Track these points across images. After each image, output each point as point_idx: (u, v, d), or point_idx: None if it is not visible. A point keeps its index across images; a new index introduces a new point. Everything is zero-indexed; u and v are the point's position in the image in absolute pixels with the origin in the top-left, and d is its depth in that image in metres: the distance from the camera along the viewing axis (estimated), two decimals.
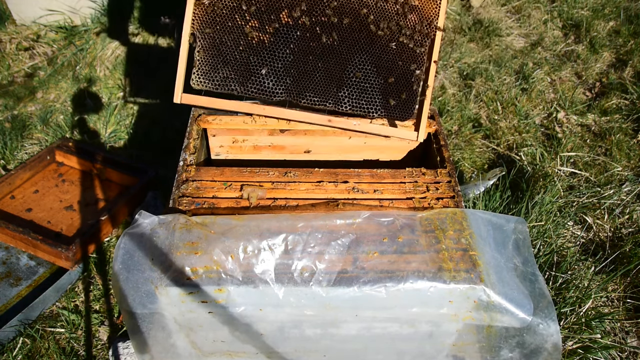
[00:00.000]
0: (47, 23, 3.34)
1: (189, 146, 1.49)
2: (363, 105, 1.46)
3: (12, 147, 2.58)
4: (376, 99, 1.45)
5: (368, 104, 1.46)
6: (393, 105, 1.47)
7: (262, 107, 1.43)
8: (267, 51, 1.36)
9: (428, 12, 1.38)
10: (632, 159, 2.72)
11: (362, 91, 1.44)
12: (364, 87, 1.44)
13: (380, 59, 1.42)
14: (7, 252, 2.06)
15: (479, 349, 1.25)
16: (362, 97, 1.45)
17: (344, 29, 1.36)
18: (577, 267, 2.10)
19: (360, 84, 1.43)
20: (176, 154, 1.50)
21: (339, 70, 1.41)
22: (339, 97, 1.44)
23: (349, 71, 1.42)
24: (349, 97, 1.44)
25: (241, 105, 1.43)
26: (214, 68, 1.36)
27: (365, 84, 1.44)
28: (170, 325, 1.20)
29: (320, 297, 1.12)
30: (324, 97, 1.43)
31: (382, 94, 1.45)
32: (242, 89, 1.39)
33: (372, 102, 1.46)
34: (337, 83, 1.43)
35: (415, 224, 1.23)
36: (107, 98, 2.99)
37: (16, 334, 1.84)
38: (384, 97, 1.45)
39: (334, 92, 1.43)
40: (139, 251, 1.14)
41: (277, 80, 1.39)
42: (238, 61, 1.36)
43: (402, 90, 1.45)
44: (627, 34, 3.65)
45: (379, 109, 1.46)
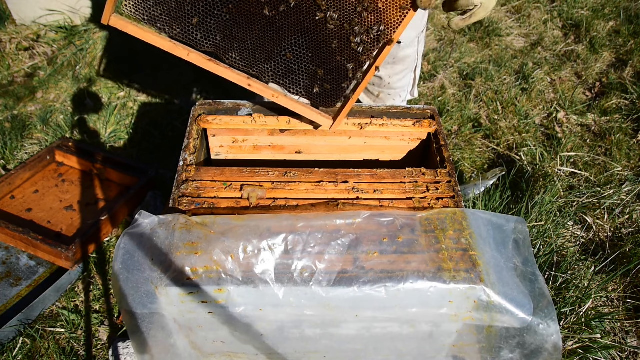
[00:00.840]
0: (47, 23, 3.34)
1: (189, 146, 1.49)
2: (286, 84, 1.41)
3: (12, 147, 2.58)
4: (300, 82, 1.41)
5: (291, 83, 1.41)
6: (315, 93, 1.42)
7: (186, 52, 1.35)
8: (204, 4, 1.29)
9: (388, 20, 1.30)
10: (632, 159, 2.72)
11: (289, 71, 1.39)
12: (292, 68, 1.38)
13: (319, 48, 1.35)
14: (7, 252, 2.06)
15: (479, 350, 1.25)
16: (286, 76, 1.40)
17: (292, 7, 1.28)
18: (577, 267, 2.10)
19: (289, 64, 1.37)
20: (176, 154, 1.50)
21: (272, 44, 1.35)
22: (264, 69, 1.38)
23: (282, 48, 1.35)
24: (274, 72, 1.39)
25: (165, 43, 1.34)
26: (146, 3, 1.29)
27: (294, 65, 1.38)
28: (170, 326, 1.20)
29: (320, 297, 1.12)
30: (249, 63, 1.38)
31: (309, 79, 1.40)
32: (169, 32, 1.32)
33: (296, 84, 1.41)
34: (266, 55, 1.36)
35: (415, 224, 1.23)
36: (107, 98, 2.99)
37: (16, 334, 1.84)
38: (310, 83, 1.40)
39: (260, 62, 1.37)
40: (139, 251, 1.14)
41: (206, 35, 1.32)
42: (171, 4, 1.29)
43: (329, 83, 1.40)
44: (627, 34, 3.65)
45: (301, 92, 1.42)
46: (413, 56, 1.83)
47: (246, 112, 1.61)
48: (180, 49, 1.34)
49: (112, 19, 1.32)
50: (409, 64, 1.85)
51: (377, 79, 1.87)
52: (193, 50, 1.35)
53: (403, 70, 1.85)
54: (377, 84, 1.89)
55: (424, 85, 3.21)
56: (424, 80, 3.25)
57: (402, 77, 1.88)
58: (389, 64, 1.81)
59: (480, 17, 1.20)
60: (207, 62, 1.37)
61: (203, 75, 3.18)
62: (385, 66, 1.82)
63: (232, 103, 1.62)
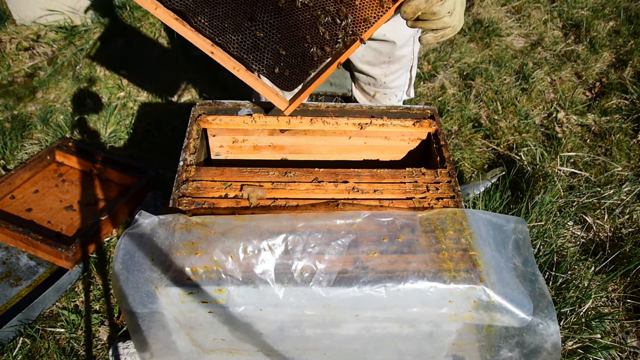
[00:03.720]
0: (47, 23, 3.34)
1: (189, 146, 1.49)
2: (249, 58, 1.38)
3: (12, 147, 2.58)
4: (264, 60, 1.38)
5: (254, 59, 1.38)
6: (277, 73, 1.40)
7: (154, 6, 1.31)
8: None
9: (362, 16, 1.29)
10: (632, 159, 2.72)
11: (255, 47, 1.37)
12: (258, 45, 1.37)
13: (289, 31, 1.34)
14: (7, 252, 2.06)
15: (479, 349, 1.26)
16: (251, 51, 1.37)
17: None
18: (577, 267, 2.10)
19: (257, 40, 1.36)
20: (176, 154, 1.50)
21: (244, 17, 1.33)
22: (230, 39, 1.36)
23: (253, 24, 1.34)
24: (240, 44, 1.36)
25: None
26: None
27: (261, 43, 1.36)
28: (170, 325, 1.20)
29: (320, 297, 1.12)
30: (216, 31, 1.35)
31: (272, 59, 1.38)
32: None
33: (259, 61, 1.38)
34: (235, 26, 1.34)
35: (415, 224, 1.23)
36: (107, 98, 2.99)
37: (16, 334, 1.84)
38: (272, 62, 1.38)
39: (227, 33, 1.35)
40: (139, 251, 1.14)
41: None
42: None
43: (290, 68, 1.39)
44: (627, 34, 3.65)
45: (262, 70, 1.39)
46: (409, 56, 1.83)
47: (246, 112, 1.61)
48: (148, 2, 1.29)
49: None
50: (404, 64, 1.85)
51: (372, 78, 1.86)
52: (161, 5, 1.30)
53: (399, 70, 1.85)
54: (373, 83, 1.89)
55: (423, 85, 3.21)
56: (424, 80, 3.25)
57: (397, 77, 1.88)
58: (385, 63, 1.81)
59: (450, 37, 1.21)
60: (174, 21, 1.32)
61: (203, 76, 3.18)
62: (381, 65, 1.82)
63: (232, 103, 1.62)
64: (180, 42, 3.29)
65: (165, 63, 3.24)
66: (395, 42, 1.73)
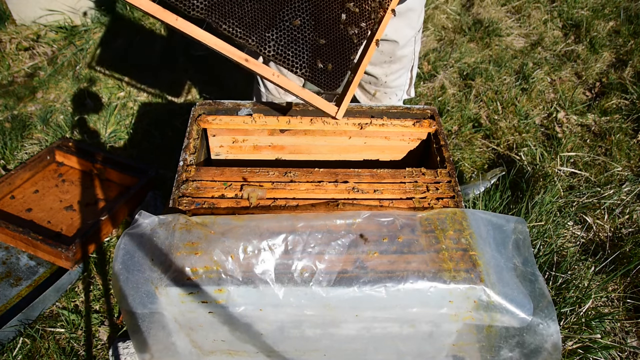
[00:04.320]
0: (47, 23, 3.34)
1: (189, 146, 1.49)
2: (289, 56, 1.28)
3: (12, 147, 2.58)
4: (305, 54, 1.29)
5: (294, 56, 1.28)
6: (319, 69, 1.31)
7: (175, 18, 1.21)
8: None
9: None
10: (632, 159, 2.72)
11: (293, 40, 1.27)
12: (296, 36, 1.27)
13: (322, 15, 1.27)
14: (7, 252, 2.06)
15: (479, 349, 1.26)
16: (290, 46, 1.27)
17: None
18: (577, 267, 2.10)
19: (293, 31, 1.26)
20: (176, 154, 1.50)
21: (273, 8, 1.24)
22: (265, 37, 1.25)
23: (285, 13, 1.25)
24: (276, 41, 1.26)
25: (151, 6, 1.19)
26: None
27: (298, 34, 1.27)
28: (170, 325, 1.20)
29: (320, 297, 1.12)
30: (249, 31, 1.24)
31: (312, 51, 1.29)
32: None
33: (299, 56, 1.29)
34: (267, 21, 1.24)
35: (415, 224, 1.23)
36: (107, 98, 2.99)
37: (16, 334, 1.84)
38: (313, 55, 1.30)
39: (261, 30, 1.24)
40: (139, 251, 1.14)
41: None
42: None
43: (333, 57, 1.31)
44: (627, 34, 3.65)
45: (305, 67, 1.30)
46: (410, 56, 1.83)
47: (246, 112, 1.61)
48: (167, 14, 1.20)
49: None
50: (405, 63, 1.85)
51: (373, 77, 1.87)
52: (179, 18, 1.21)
53: (400, 69, 1.86)
54: (374, 82, 1.89)
55: (424, 85, 3.21)
56: (424, 80, 3.25)
57: (398, 76, 1.89)
58: (386, 63, 1.81)
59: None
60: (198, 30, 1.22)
61: (203, 75, 3.18)
62: (382, 65, 1.83)
63: (232, 103, 1.62)
64: (181, 42, 3.29)
65: (166, 63, 3.24)
66: (397, 42, 1.74)
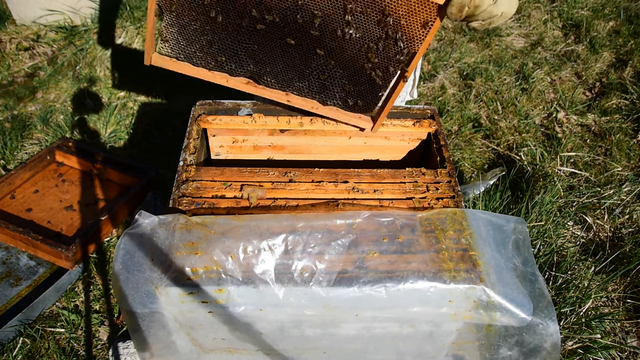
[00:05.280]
0: (47, 23, 3.34)
1: (189, 146, 1.49)
2: (322, 97, 1.45)
3: (12, 147, 2.58)
4: (336, 95, 1.44)
5: (327, 97, 1.45)
6: (351, 105, 1.47)
7: (225, 79, 1.41)
8: (232, 41, 1.32)
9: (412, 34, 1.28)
10: (632, 159, 2.72)
11: (323, 88, 1.43)
12: (326, 85, 1.42)
13: (348, 64, 1.37)
14: (7, 252, 2.06)
15: (479, 347, 1.26)
16: (322, 92, 1.44)
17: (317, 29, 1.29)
18: (577, 267, 2.10)
19: (322, 81, 1.41)
20: (176, 154, 1.51)
21: (302, 65, 1.38)
22: (299, 87, 1.43)
23: (313, 68, 1.38)
24: (309, 89, 1.43)
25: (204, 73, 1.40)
26: (179, 43, 1.33)
27: (327, 82, 1.41)
28: (170, 325, 1.20)
29: (320, 297, 1.12)
30: (284, 84, 1.42)
31: (342, 93, 1.44)
32: (206, 65, 1.38)
33: (332, 97, 1.45)
34: (299, 75, 1.40)
35: (415, 224, 1.23)
36: (107, 98, 2.99)
37: (16, 334, 1.84)
38: (344, 96, 1.44)
39: (295, 82, 1.42)
40: (139, 251, 1.15)
41: (239, 64, 1.37)
42: (202, 44, 1.33)
43: (362, 96, 1.44)
44: (627, 34, 3.65)
45: (338, 103, 1.46)
46: None
47: (246, 112, 1.61)
48: (218, 77, 1.41)
49: (153, 58, 1.38)
50: None
51: None
52: (232, 77, 1.42)
53: None
54: None
55: (424, 85, 3.21)
56: (424, 80, 3.25)
57: None
58: None
59: (498, 25, 1.20)
60: (246, 85, 1.43)
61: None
62: None
63: (232, 103, 1.62)
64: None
65: None
66: None
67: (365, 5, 1.23)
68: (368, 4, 1.23)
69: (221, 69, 1.39)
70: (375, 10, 1.23)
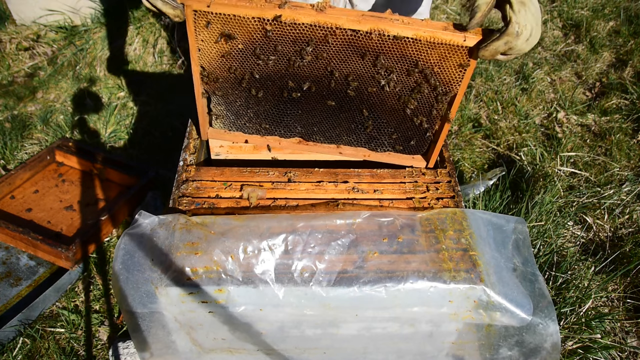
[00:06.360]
0: (47, 23, 3.34)
1: (189, 146, 1.49)
2: (372, 146, 1.50)
3: (12, 147, 2.58)
4: (385, 142, 1.48)
5: (377, 146, 1.50)
6: (402, 148, 1.49)
7: (278, 141, 1.52)
8: (276, 110, 1.39)
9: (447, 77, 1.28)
10: (632, 159, 2.72)
11: (371, 138, 1.47)
12: (372, 135, 1.45)
13: (390, 115, 1.38)
14: (7, 252, 2.06)
15: (479, 347, 1.26)
16: (370, 141, 1.48)
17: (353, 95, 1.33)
18: (577, 267, 2.10)
19: (370, 133, 1.44)
20: (176, 154, 1.52)
21: (347, 120, 1.41)
22: (348, 140, 1.49)
23: (358, 122, 1.41)
24: (358, 141, 1.49)
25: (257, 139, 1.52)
26: (229, 118, 1.43)
27: (374, 132, 1.44)
28: (170, 324, 1.20)
29: (321, 297, 1.12)
30: (333, 139, 1.49)
31: (390, 140, 1.47)
32: (256, 132, 1.51)
33: (381, 145, 1.49)
34: (346, 130, 1.45)
35: (415, 224, 1.23)
36: (107, 98, 2.99)
37: (16, 334, 1.84)
38: (392, 143, 1.47)
39: (343, 136, 1.47)
40: (139, 251, 1.15)
41: (286, 129, 1.47)
42: (250, 115, 1.43)
43: (409, 140, 1.45)
44: (627, 34, 3.65)
45: (388, 149, 1.50)
46: None
47: None
48: (271, 140, 1.51)
49: (209, 133, 1.51)
50: None
51: None
52: (282, 139, 1.51)
53: None
54: None
55: None
56: None
57: None
58: None
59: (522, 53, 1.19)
60: (298, 145, 1.52)
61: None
62: None
63: None
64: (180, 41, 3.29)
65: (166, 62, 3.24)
66: None
67: (396, 60, 1.22)
68: (398, 59, 1.22)
69: (272, 134, 1.49)
70: (406, 63, 1.23)
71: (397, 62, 1.23)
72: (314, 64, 1.25)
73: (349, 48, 1.21)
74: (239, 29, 1.19)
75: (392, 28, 1.16)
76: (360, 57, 1.22)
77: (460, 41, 1.17)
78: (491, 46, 1.12)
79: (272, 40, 1.21)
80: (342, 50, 1.21)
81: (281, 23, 1.17)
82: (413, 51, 1.21)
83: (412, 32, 1.17)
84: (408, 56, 1.22)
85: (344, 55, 1.22)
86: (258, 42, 1.22)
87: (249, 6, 1.15)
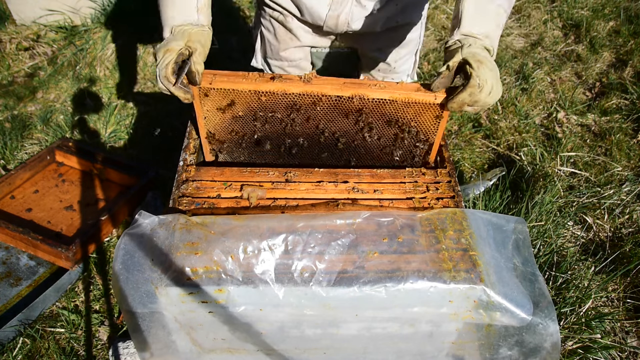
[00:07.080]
0: (47, 23, 3.34)
1: (189, 146, 1.49)
2: None
3: (12, 147, 2.58)
4: None
5: None
6: None
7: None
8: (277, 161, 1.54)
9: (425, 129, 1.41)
10: (632, 159, 2.72)
11: None
12: None
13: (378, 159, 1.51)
14: (7, 252, 2.06)
15: (479, 347, 1.26)
16: None
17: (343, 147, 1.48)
18: (577, 267, 2.10)
19: None
20: (176, 154, 1.51)
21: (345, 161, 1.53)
22: None
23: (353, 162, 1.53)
24: None
25: None
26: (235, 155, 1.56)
27: None
28: (170, 324, 1.20)
29: (321, 297, 1.12)
30: None
31: None
32: None
33: None
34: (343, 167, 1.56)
35: (415, 224, 1.23)
36: (107, 98, 2.99)
37: (16, 334, 1.84)
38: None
39: None
40: (139, 251, 1.14)
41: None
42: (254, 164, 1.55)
43: None
44: (627, 34, 3.65)
45: None
46: (416, 39, 1.84)
47: None
48: None
49: None
50: (412, 48, 1.86)
51: (386, 65, 1.87)
52: None
53: (407, 54, 1.87)
54: (383, 69, 1.89)
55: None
56: (424, 80, 3.25)
57: (405, 61, 1.90)
58: (395, 48, 1.82)
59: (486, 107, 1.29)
60: None
61: None
62: (392, 51, 1.84)
63: None
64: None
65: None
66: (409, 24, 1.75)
67: (377, 117, 1.38)
68: (379, 117, 1.38)
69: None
70: (386, 119, 1.39)
71: (377, 119, 1.39)
72: (306, 125, 1.42)
73: (334, 110, 1.38)
74: (238, 99, 1.37)
75: (370, 93, 1.32)
76: (344, 117, 1.39)
77: (431, 100, 1.32)
78: (457, 98, 1.23)
79: (267, 108, 1.39)
80: (329, 112, 1.38)
81: (274, 94, 1.34)
82: (391, 110, 1.36)
83: (389, 94, 1.32)
84: (387, 114, 1.37)
85: (330, 116, 1.39)
86: (255, 110, 1.40)
87: (244, 82, 1.33)
